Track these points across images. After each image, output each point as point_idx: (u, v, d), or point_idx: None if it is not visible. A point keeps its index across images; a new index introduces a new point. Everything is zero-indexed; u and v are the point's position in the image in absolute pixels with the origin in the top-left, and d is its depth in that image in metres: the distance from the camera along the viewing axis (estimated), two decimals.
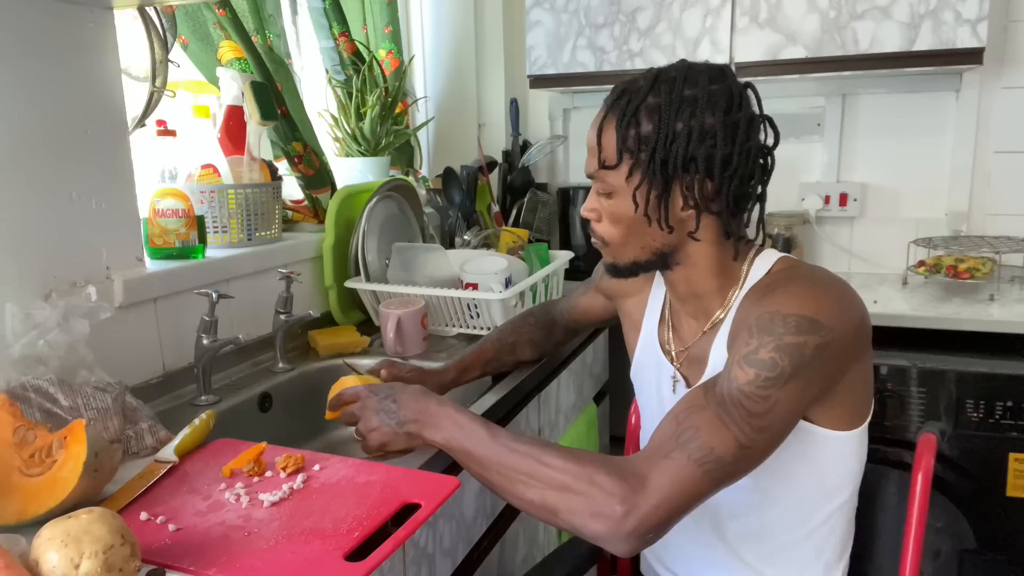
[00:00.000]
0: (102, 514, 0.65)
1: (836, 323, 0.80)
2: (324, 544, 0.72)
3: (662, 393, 1.02)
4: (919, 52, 1.77)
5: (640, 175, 0.85)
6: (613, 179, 0.88)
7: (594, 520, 0.75)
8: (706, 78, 0.84)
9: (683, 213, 0.87)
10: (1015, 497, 1.57)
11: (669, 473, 0.75)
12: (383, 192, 1.59)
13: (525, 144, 2.39)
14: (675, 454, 0.76)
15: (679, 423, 0.79)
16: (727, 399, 0.78)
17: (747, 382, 0.78)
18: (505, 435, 0.85)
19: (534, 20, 2.08)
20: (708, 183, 0.85)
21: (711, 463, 0.75)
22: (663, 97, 0.84)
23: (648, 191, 0.86)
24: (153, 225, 1.23)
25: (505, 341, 1.27)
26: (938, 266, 1.86)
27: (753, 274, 0.91)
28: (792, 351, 0.78)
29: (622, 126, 0.85)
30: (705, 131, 0.83)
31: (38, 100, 1.00)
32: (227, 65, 1.48)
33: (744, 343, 0.81)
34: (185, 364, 1.23)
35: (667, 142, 0.83)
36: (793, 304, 0.80)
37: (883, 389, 1.60)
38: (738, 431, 0.76)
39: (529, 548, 1.35)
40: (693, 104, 0.83)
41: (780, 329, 0.79)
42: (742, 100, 0.85)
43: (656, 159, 0.84)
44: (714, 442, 0.76)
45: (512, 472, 0.82)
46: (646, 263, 0.92)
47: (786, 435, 0.81)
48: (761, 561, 0.95)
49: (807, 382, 0.79)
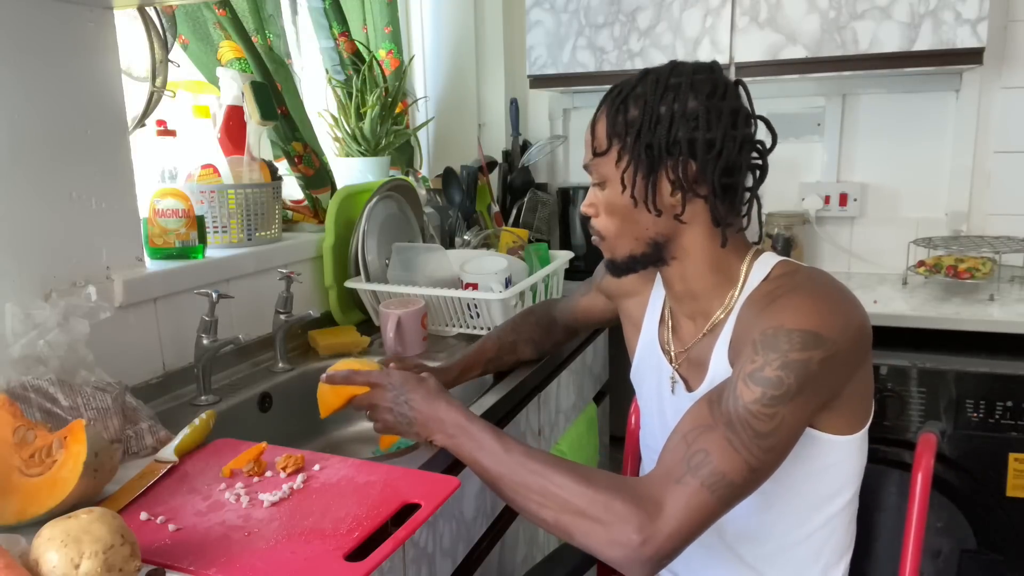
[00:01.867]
0: (102, 514, 0.65)
1: (839, 335, 0.80)
2: (324, 544, 0.72)
3: (662, 394, 1.02)
4: (919, 52, 1.77)
5: (628, 158, 0.88)
6: (605, 167, 0.91)
7: (611, 548, 0.76)
8: (692, 69, 0.88)
9: (671, 199, 0.89)
10: (1015, 497, 1.57)
11: (683, 500, 0.76)
12: (383, 192, 1.59)
13: (525, 144, 2.39)
14: (687, 479, 0.77)
15: (688, 444, 0.79)
16: (734, 419, 0.78)
17: (753, 400, 0.78)
18: (516, 448, 0.85)
19: (534, 20, 2.08)
20: (692, 164, 0.86)
21: (723, 488, 0.76)
22: (649, 86, 0.88)
23: (635, 174, 0.88)
24: (153, 225, 1.23)
25: (506, 340, 1.27)
26: (938, 266, 1.86)
27: (752, 277, 0.91)
28: (797, 368, 0.78)
29: (611, 114, 0.89)
30: (687, 114, 0.85)
31: (38, 100, 1.00)
32: (227, 65, 1.48)
33: (749, 360, 0.81)
34: (185, 364, 1.23)
35: (652, 125, 0.86)
36: (797, 318, 0.81)
37: (883, 389, 1.60)
38: (748, 454, 0.77)
39: (529, 548, 1.35)
40: (676, 89, 0.86)
41: (785, 346, 0.79)
42: (727, 90, 0.87)
43: (641, 141, 0.87)
44: (725, 467, 0.77)
45: (525, 490, 0.83)
46: (642, 256, 0.93)
47: (791, 448, 0.82)
48: (760, 561, 0.95)
49: (812, 396, 0.80)
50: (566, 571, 1.10)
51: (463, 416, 0.91)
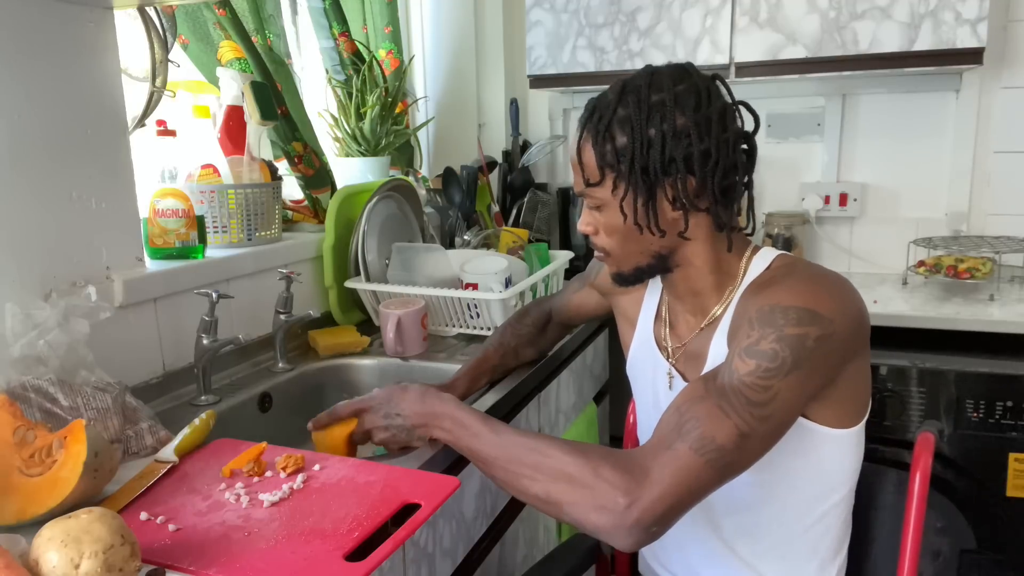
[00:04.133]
0: (102, 514, 0.65)
1: (836, 315, 0.80)
2: (324, 544, 0.72)
3: (657, 389, 1.03)
4: (919, 52, 1.76)
5: (624, 186, 0.87)
6: (600, 194, 0.90)
7: (597, 513, 0.76)
8: (670, 81, 0.86)
9: (673, 214, 0.88)
10: (1015, 497, 1.57)
11: (671, 464, 0.75)
12: (383, 192, 1.59)
13: (525, 144, 2.39)
14: (677, 445, 0.77)
15: (681, 414, 0.79)
16: (728, 389, 0.78)
17: (748, 372, 0.78)
18: (508, 430, 0.86)
19: (534, 20, 2.08)
20: (691, 180, 0.86)
21: (712, 452, 0.75)
22: (631, 108, 0.86)
23: (634, 200, 0.87)
24: (153, 225, 1.23)
25: (508, 345, 1.28)
26: (938, 266, 1.86)
27: (751, 271, 0.92)
28: (793, 342, 0.78)
29: (598, 143, 0.87)
30: (679, 131, 0.84)
31: (38, 100, 1.00)
32: (227, 65, 1.48)
33: (745, 335, 0.81)
34: (185, 364, 1.23)
35: (644, 149, 0.85)
36: (794, 297, 0.81)
37: (883, 389, 1.60)
38: (738, 419, 0.77)
39: (529, 548, 1.35)
40: (662, 108, 0.84)
41: (781, 321, 0.79)
42: (710, 94, 0.86)
43: (636, 168, 0.85)
44: (714, 431, 0.76)
45: (516, 466, 0.83)
46: (648, 268, 0.94)
47: (787, 427, 0.81)
48: (756, 557, 0.96)
49: (808, 373, 0.80)
50: (566, 571, 1.10)
51: (455, 408, 0.92)
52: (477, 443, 0.87)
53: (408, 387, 0.98)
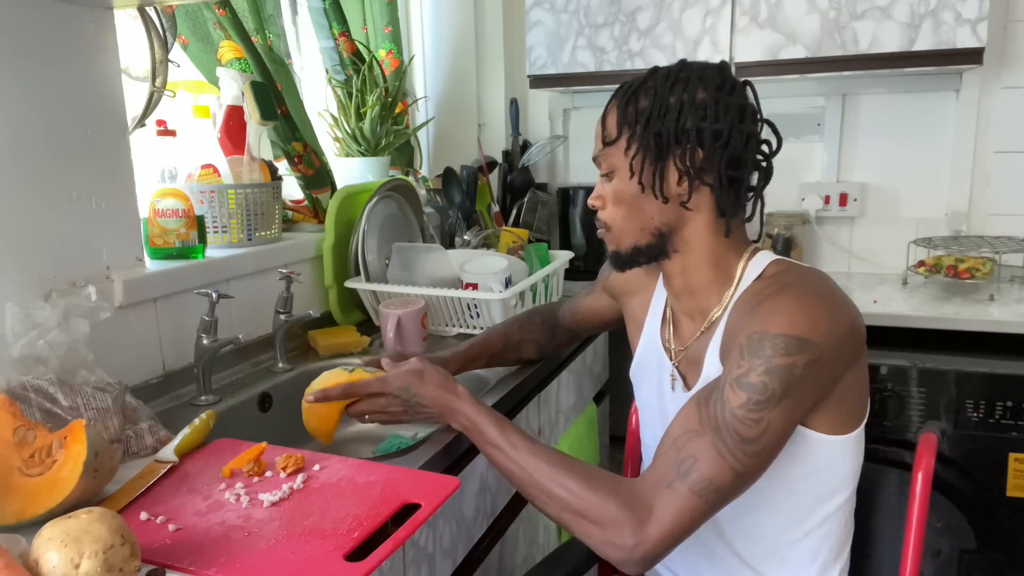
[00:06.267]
0: (102, 514, 0.65)
1: (824, 338, 0.81)
2: (324, 544, 0.72)
3: (663, 390, 1.03)
4: (919, 52, 1.77)
5: (637, 146, 0.91)
6: (614, 156, 0.93)
7: (607, 548, 0.82)
8: (701, 65, 0.92)
9: (678, 187, 0.91)
10: (1015, 497, 1.57)
11: (673, 505, 0.80)
12: (383, 192, 1.59)
13: (525, 144, 2.39)
14: (676, 485, 0.80)
15: (678, 450, 0.83)
16: (721, 424, 0.81)
17: (739, 405, 0.81)
18: (522, 445, 0.89)
19: (534, 20, 2.08)
20: (699, 152, 0.89)
21: (710, 494, 0.80)
22: (660, 79, 0.91)
23: (643, 160, 0.90)
24: (153, 225, 1.23)
25: (512, 338, 1.28)
26: (938, 266, 1.86)
27: (747, 275, 0.92)
28: (781, 373, 0.80)
29: (622, 105, 0.92)
30: (696, 104, 0.88)
31: (38, 100, 1.00)
32: (227, 65, 1.48)
33: (736, 364, 0.83)
34: (185, 364, 1.23)
35: (661, 113, 0.89)
36: (781, 322, 0.82)
37: (883, 389, 1.60)
38: (734, 460, 0.80)
39: (529, 548, 1.35)
40: (686, 81, 0.89)
41: (769, 351, 0.81)
42: (735, 87, 0.90)
43: (651, 129, 0.89)
44: (712, 474, 0.80)
45: (532, 488, 0.88)
46: (647, 248, 0.95)
47: (779, 451, 0.83)
48: (758, 560, 0.96)
49: (798, 400, 0.82)
50: (566, 571, 1.10)
51: (472, 409, 0.95)
52: (493, 452, 0.92)
53: (423, 373, 0.99)
